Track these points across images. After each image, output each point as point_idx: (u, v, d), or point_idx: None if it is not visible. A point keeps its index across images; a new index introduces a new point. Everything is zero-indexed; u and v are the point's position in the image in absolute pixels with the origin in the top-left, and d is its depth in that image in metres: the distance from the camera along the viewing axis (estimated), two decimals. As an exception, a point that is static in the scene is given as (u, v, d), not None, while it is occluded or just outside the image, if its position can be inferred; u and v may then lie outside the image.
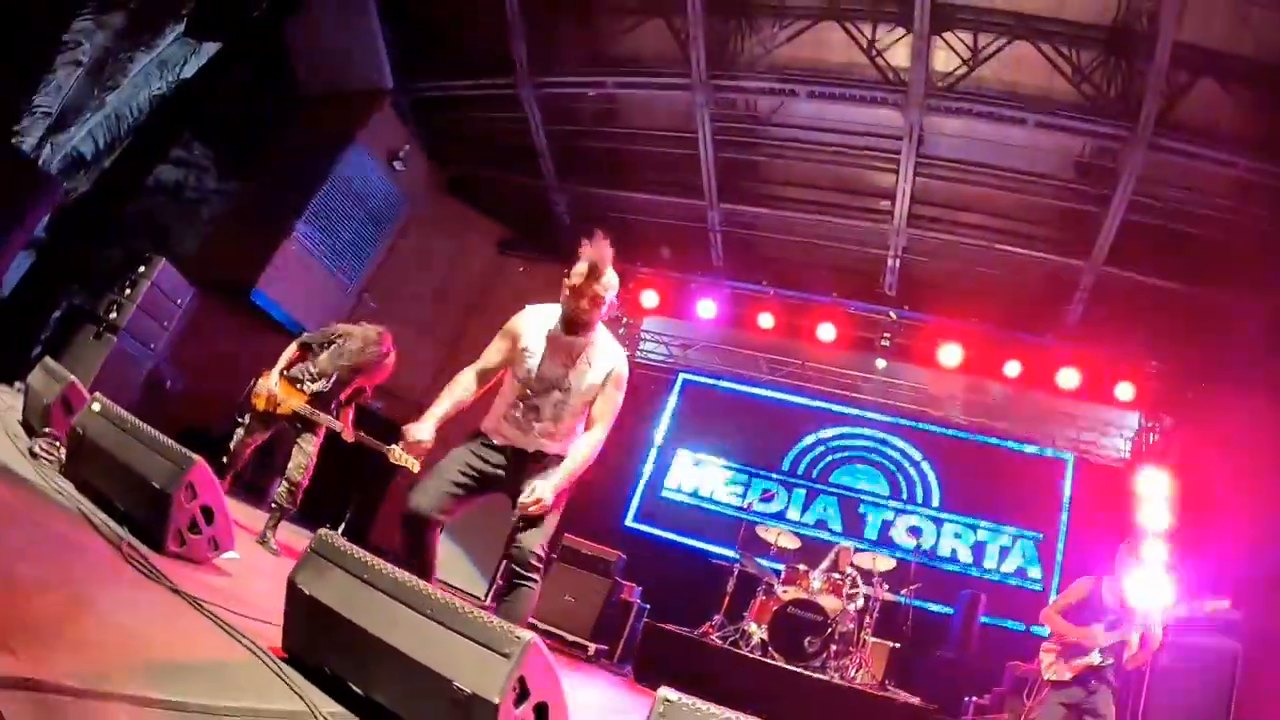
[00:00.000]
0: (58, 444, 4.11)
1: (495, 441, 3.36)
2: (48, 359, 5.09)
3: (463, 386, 3.44)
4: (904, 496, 9.90)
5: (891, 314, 9.70)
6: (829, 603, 7.18)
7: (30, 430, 4.51)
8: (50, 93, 9.34)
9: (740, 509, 9.80)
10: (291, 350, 5.29)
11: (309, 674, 2.28)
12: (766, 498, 10.01)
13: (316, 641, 2.38)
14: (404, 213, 11.18)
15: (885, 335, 9.67)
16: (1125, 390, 8.96)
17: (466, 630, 2.10)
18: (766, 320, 10.06)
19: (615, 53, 9.68)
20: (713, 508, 10.05)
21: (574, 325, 3.39)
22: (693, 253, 10.97)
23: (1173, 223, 8.67)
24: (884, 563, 7.65)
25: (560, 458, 3.36)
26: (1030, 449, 9.82)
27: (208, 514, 3.34)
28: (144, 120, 9.34)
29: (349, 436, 5.13)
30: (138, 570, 2.65)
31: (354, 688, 2.26)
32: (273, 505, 5.03)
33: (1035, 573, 9.24)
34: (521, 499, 3.16)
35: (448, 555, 7.89)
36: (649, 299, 10.77)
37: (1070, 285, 9.32)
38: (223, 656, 2.22)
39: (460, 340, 10.99)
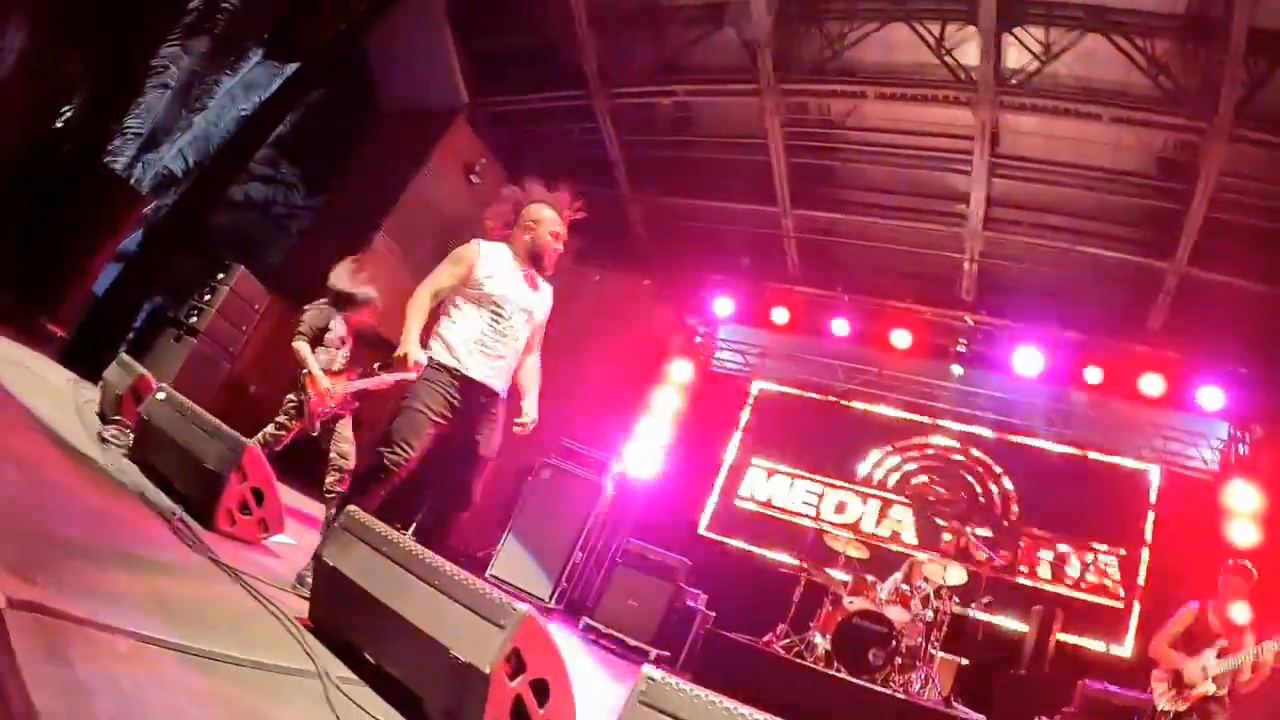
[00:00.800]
0: (127, 430, 4.50)
1: (473, 376, 3.53)
2: (122, 354, 5.52)
3: (423, 306, 3.60)
4: (981, 503, 9.64)
5: (968, 319, 9.53)
6: (896, 615, 7.14)
7: (104, 419, 4.91)
8: (141, 114, 10.06)
9: (812, 518, 9.72)
10: (307, 352, 5.19)
11: (331, 644, 2.40)
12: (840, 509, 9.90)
13: (339, 613, 2.52)
14: (481, 224, 11.46)
15: (961, 341, 9.54)
16: (1211, 397, 8.62)
17: (466, 600, 2.17)
18: (842, 327, 10.05)
19: (686, 62, 9.87)
20: (785, 517, 10.01)
21: (541, 262, 3.85)
22: (768, 260, 11.07)
23: (1259, 220, 8.31)
24: (955, 575, 7.51)
25: (502, 398, 3.63)
26: (1113, 460, 9.49)
27: (258, 496, 3.69)
28: (231, 139, 9.68)
29: (413, 368, 5.19)
30: (183, 542, 2.94)
31: (367, 657, 2.37)
32: (328, 495, 5.08)
33: (1117, 590, 8.92)
34: (522, 419, 3.65)
35: (510, 556, 8.12)
36: (723, 307, 10.92)
37: (1154, 287, 9.09)
38: (245, 617, 2.44)
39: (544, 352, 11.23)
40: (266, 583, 2.84)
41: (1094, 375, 9.10)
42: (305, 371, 5.07)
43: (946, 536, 8.91)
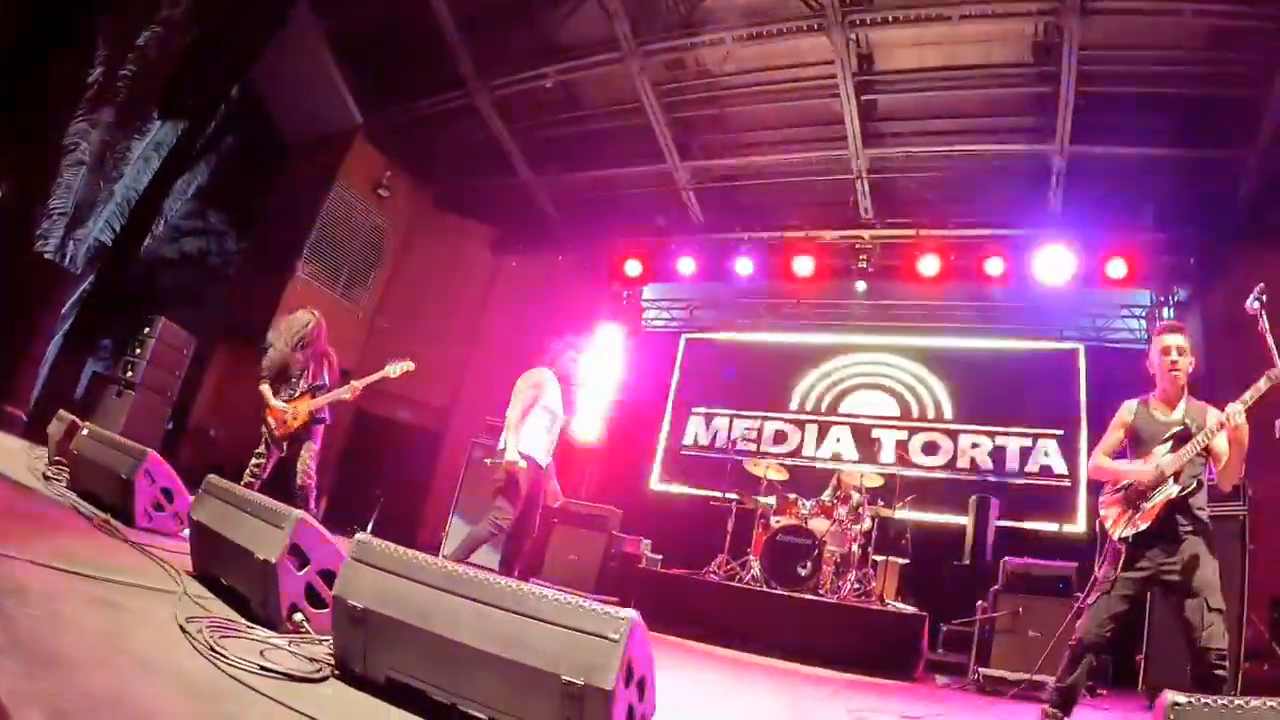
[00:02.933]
0: (65, 467, 5.38)
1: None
2: (60, 411, 6.34)
3: None
4: (915, 414, 10.16)
5: (866, 235, 9.87)
6: (818, 525, 7.64)
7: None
8: (62, 194, 10.58)
9: (754, 453, 10.15)
10: (266, 389, 6.04)
11: (368, 688, 2.36)
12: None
13: (376, 652, 2.39)
14: (398, 234, 11.97)
15: (862, 258, 9.95)
16: (1118, 268, 9.04)
17: (560, 620, 2.12)
18: (745, 266, 10.63)
19: (558, 41, 10.40)
20: (727, 457, 10.43)
21: None
22: (671, 215, 11.67)
23: (1130, 86, 8.55)
24: (871, 480, 7.95)
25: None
26: (1038, 345, 9.81)
27: (168, 494, 4.57)
28: (139, 200, 10.23)
29: (353, 394, 6.10)
30: (104, 534, 3.79)
31: (438, 699, 2.28)
32: (294, 499, 5.73)
33: (1061, 469, 9.34)
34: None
35: (459, 536, 8.61)
36: (633, 268, 11.52)
37: (1044, 172, 9.40)
38: (139, 566, 3.22)
39: (474, 343, 11.73)
40: (166, 550, 3.57)
41: (995, 266, 9.48)
42: (266, 405, 5.99)
43: (883, 448, 9.30)
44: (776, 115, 10.33)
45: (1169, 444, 3.93)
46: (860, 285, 10.34)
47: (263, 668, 2.17)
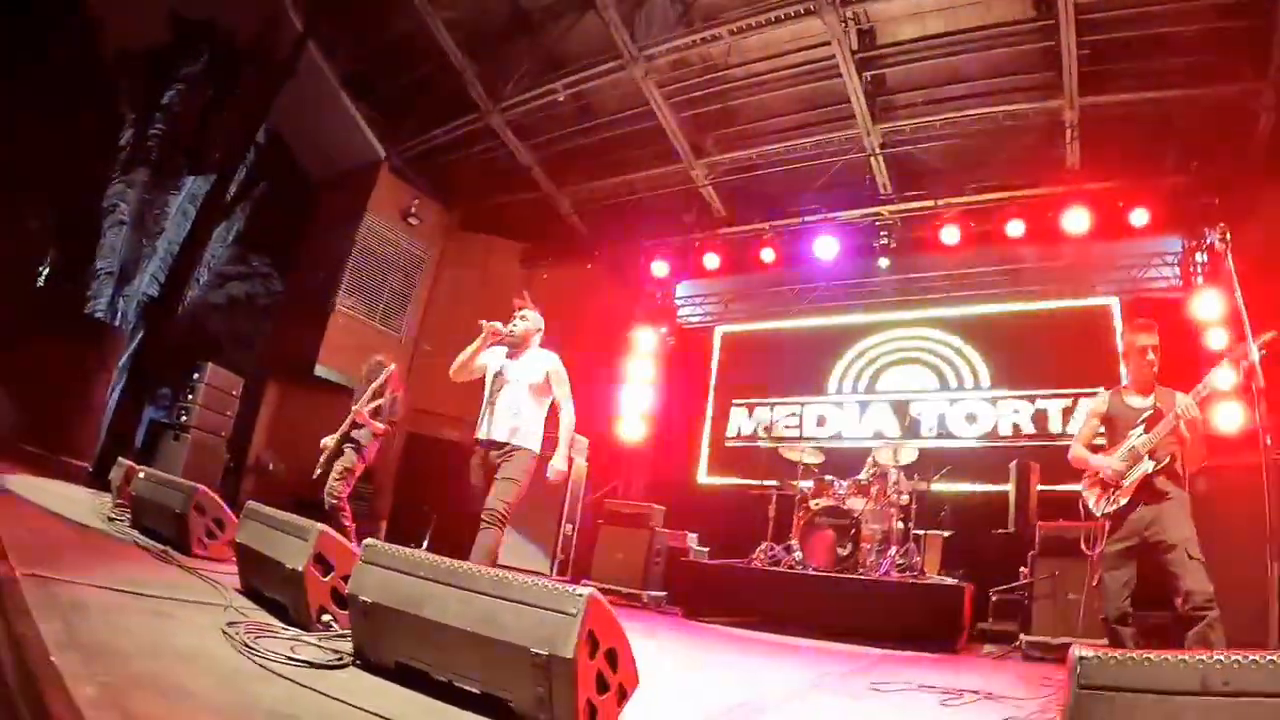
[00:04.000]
0: (126, 509, 6.06)
1: None
2: (119, 459, 7.09)
3: None
4: (953, 385, 10.38)
5: (884, 211, 10.15)
6: (855, 504, 7.90)
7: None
8: (107, 255, 11.48)
9: (797, 438, 10.48)
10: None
11: (381, 673, 2.77)
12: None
13: (384, 641, 2.82)
14: (430, 259, 12.57)
15: (883, 234, 10.14)
16: (1141, 216, 9.03)
17: (529, 599, 2.43)
18: (770, 255, 10.94)
19: (562, 55, 10.93)
20: (773, 444, 10.72)
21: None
22: (697, 212, 12.06)
23: (1130, 30, 8.64)
24: (906, 454, 8.21)
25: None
26: (1071, 303, 9.93)
27: (219, 524, 5.18)
28: (179, 252, 11.03)
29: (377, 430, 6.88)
30: (161, 561, 4.43)
31: (436, 676, 2.66)
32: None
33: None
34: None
35: (508, 545, 9.09)
36: (660, 268, 12.04)
37: (1057, 128, 9.53)
38: (191, 586, 3.80)
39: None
40: (218, 573, 4.13)
41: (1017, 229, 9.64)
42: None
43: (924, 422, 9.53)
44: (785, 102, 10.67)
45: (1141, 427, 4.47)
46: (884, 262, 10.61)
47: (288, 658, 2.65)
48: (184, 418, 9.08)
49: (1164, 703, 1.84)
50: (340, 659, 2.85)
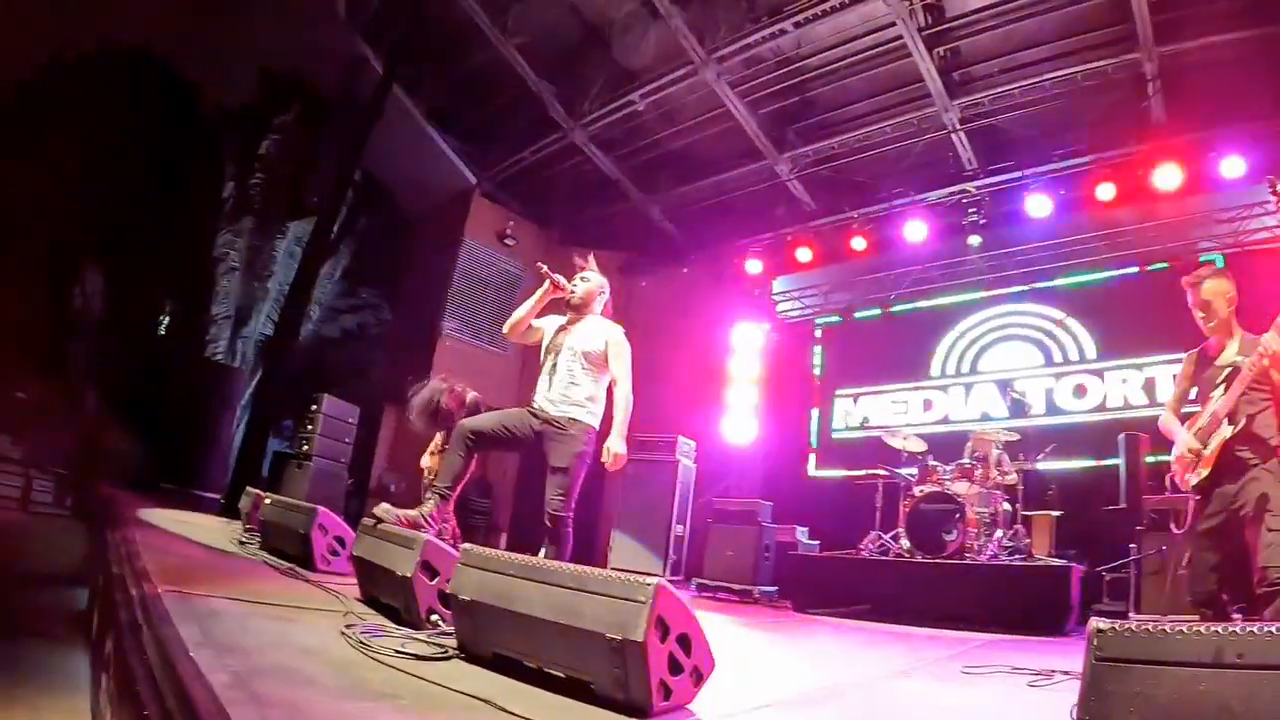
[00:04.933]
0: (255, 533, 6.72)
1: None
2: (247, 488, 7.81)
3: None
4: (1057, 359, 10.26)
5: (970, 188, 10.16)
6: (960, 488, 7.96)
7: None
8: (223, 301, 12.53)
9: (904, 424, 10.56)
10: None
11: (480, 663, 3.09)
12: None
13: (482, 634, 3.16)
14: (529, 277, 13.18)
15: (972, 211, 10.13)
16: (1234, 165, 8.81)
17: (604, 590, 2.67)
18: (860, 243, 11.19)
19: (634, 66, 11.36)
20: (879, 434, 10.82)
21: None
22: (786, 206, 12.32)
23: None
24: (1008, 434, 8.18)
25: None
26: (1171, 264, 9.65)
27: (340, 542, 5.69)
28: (298, 289, 11.89)
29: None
30: (288, 577, 4.96)
31: (529, 665, 2.95)
32: None
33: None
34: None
35: (621, 548, 9.54)
36: (754, 266, 12.37)
37: (1138, 82, 9.38)
38: (315, 596, 4.31)
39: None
40: (340, 585, 4.64)
41: (1107, 192, 9.51)
42: None
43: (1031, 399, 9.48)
44: (860, 87, 10.83)
45: (1222, 387, 4.07)
46: (975, 239, 10.62)
47: (397, 652, 3.07)
48: (305, 447, 9.81)
49: (1179, 674, 1.86)
50: (445, 652, 3.23)
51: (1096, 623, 2.02)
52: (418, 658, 3.09)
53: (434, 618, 3.78)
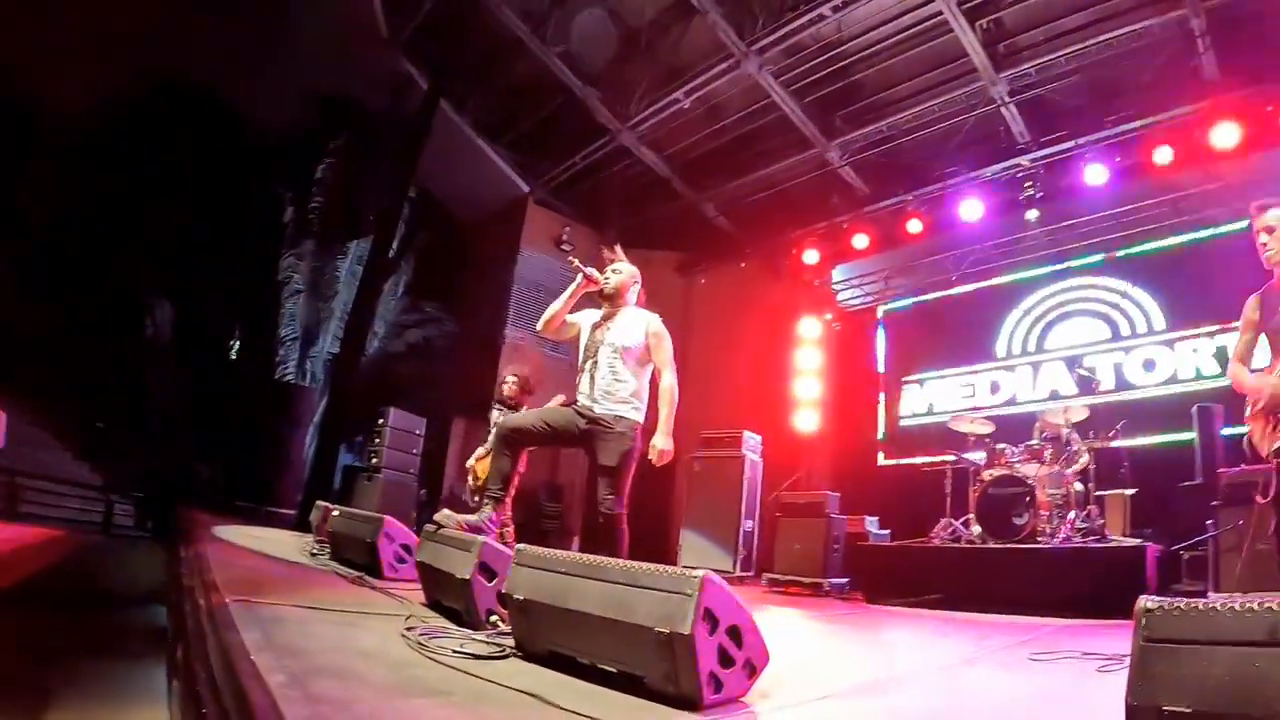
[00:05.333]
0: (325, 544, 6.94)
1: None
2: (317, 502, 8.15)
3: None
4: (1125, 333, 9.99)
5: (1024, 161, 10.01)
6: (1029, 470, 7.84)
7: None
8: (289, 323, 12.94)
9: (971, 409, 10.42)
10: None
11: (536, 660, 3.17)
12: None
13: (537, 632, 3.23)
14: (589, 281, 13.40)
15: (1027, 185, 9.99)
16: (1292, 117, 8.40)
17: (652, 584, 2.72)
18: (916, 226, 11.13)
19: (676, 64, 11.42)
20: (946, 419, 10.67)
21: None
22: (840, 194, 12.28)
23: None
24: (1076, 413, 8.02)
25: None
26: (1236, 225, 9.31)
27: (407, 549, 5.83)
28: (351, 309, 12.25)
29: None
30: (356, 585, 5.18)
31: (582, 660, 2.99)
32: None
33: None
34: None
35: (691, 545, 9.73)
36: (810, 256, 12.37)
37: (1187, 38, 9.08)
38: (380, 602, 4.48)
39: (682, 364, 12.74)
40: (405, 591, 4.86)
41: (1164, 155, 9.26)
42: None
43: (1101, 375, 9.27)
44: (905, 68, 10.73)
45: None
46: (1032, 214, 10.43)
47: (454, 652, 3.18)
48: (374, 460, 10.12)
49: (1232, 654, 1.79)
50: (502, 651, 3.34)
51: (1144, 602, 1.98)
52: (475, 657, 3.19)
53: (493, 618, 3.90)
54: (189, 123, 17.00)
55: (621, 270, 4.99)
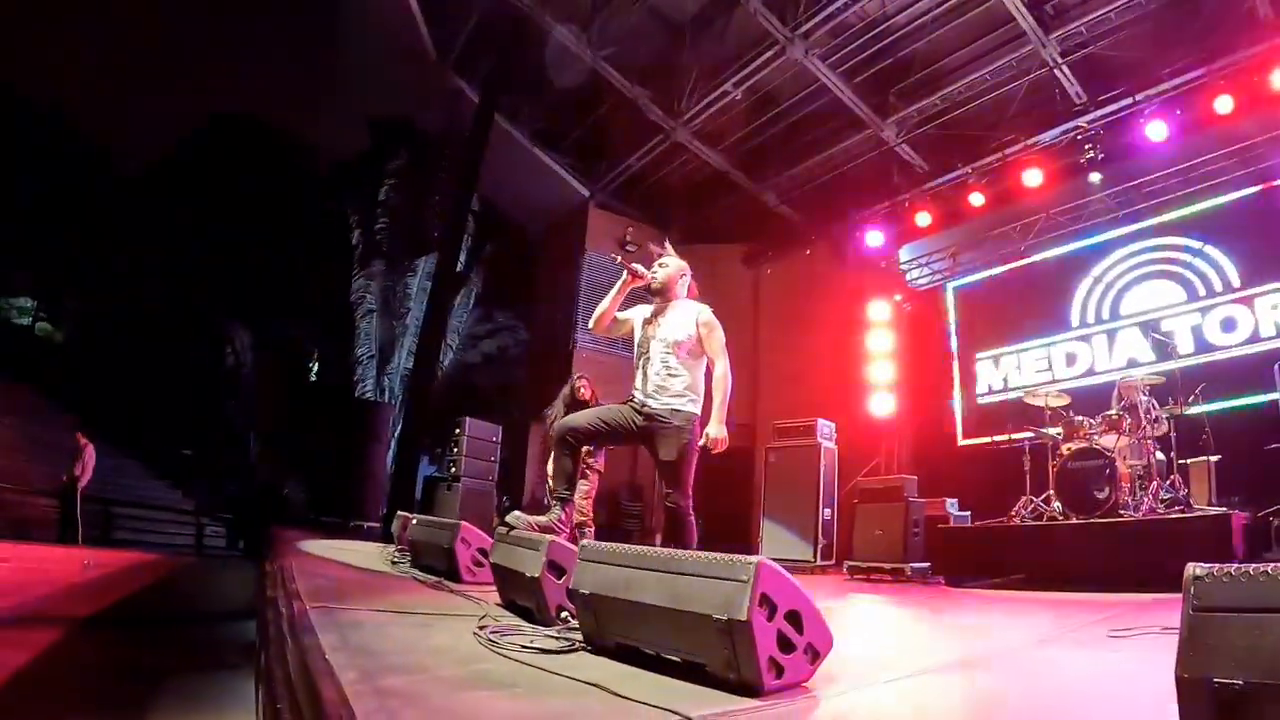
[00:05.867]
0: (405, 552, 7.19)
1: None
2: (399, 511, 8.47)
3: None
4: (1202, 293, 9.68)
5: (1083, 123, 9.83)
6: (1108, 442, 7.68)
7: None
8: (364, 342, 13.45)
9: (1049, 382, 10.26)
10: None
11: (604, 653, 3.22)
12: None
13: (604, 626, 3.29)
14: (651, 274, 13.61)
15: (1088, 148, 9.81)
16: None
17: (710, 572, 2.75)
18: (977, 199, 11.08)
19: (722, 56, 11.50)
20: (1024, 394, 10.50)
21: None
22: (899, 172, 12.23)
23: None
24: (1153, 379, 7.82)
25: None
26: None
27: (483, 553, 5.89)
28: (423, 325, 12.64)
29: None
30: (434, 589, 5.38)
31: (647, 651, 3.04)
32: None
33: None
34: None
35: (771, 537, 9.84)
36: (874, 238, 12.32)
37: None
38: (457, 605, 4.64)
39: (754, 356, 12.87)
40: (479, 593, 5.02)
41: (1226, 105, 8.96)
42: None
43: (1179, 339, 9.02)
44: (953, 38, 10.63)
45: None
46: (1095, 177, 10.22)
47: (523, 647, 3.32)
48: (452, 469, 10.35)
49: None
50: (571, 645, 3.46)
51: (1192, 569, 1.88)
52: (544, 652, 3.32)
53: (563, 614, 4.03)
54: (255, 156, 17.80)
55: (668, 264, 4.96)
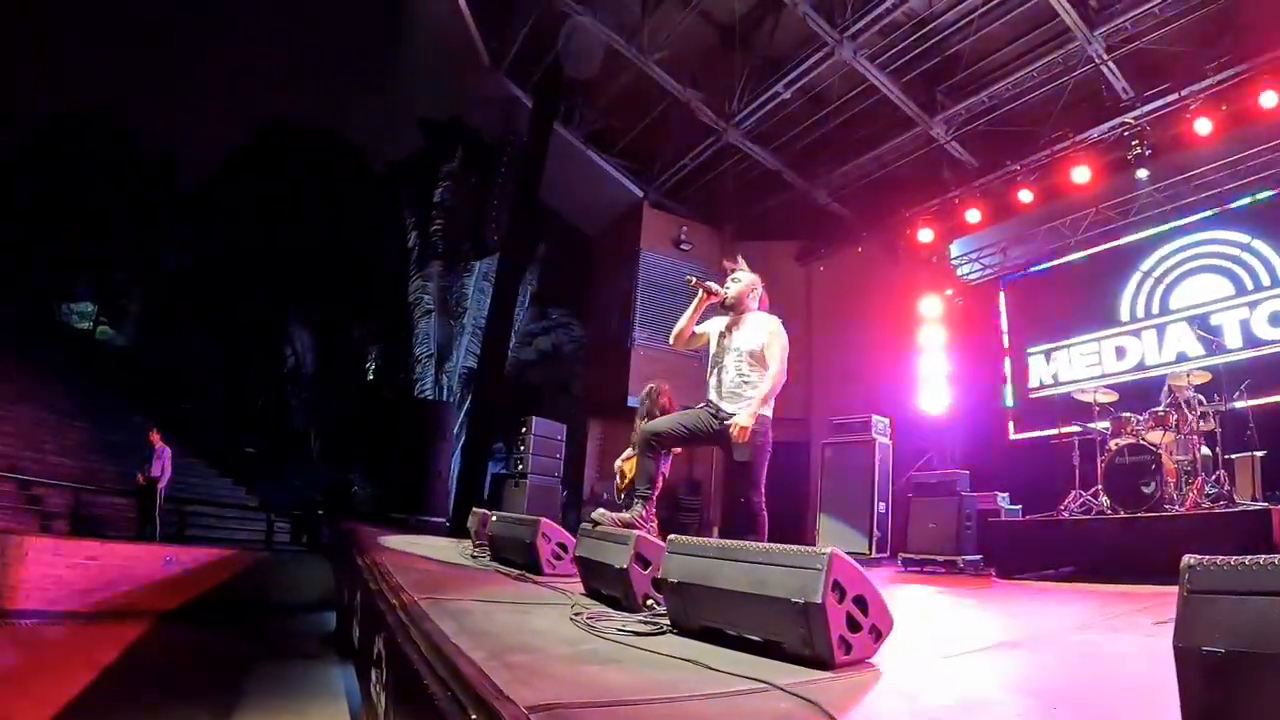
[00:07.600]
0: (484, 546, 7.73)
1: None
2: (474, 508, 8.95)
3: None
4: (1251, 287, 9.91)
5: (1129, 119, 10.11)
6: (1155, 437, 7.94)
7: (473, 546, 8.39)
8: (423, 341, 14.02)
9: (1099, 376, 10.53)
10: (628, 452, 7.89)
11: (690, 635, 3.59)
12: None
13: (690, 610, 3.66)
14: (710, 278, 14.01)
15: (1135, 144, 10.04)
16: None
17: (786, 561, 3.09)
18: (1027, 195, 11.38)
19: (773, 58, 11.94)
20: (1074, 389, 10.72)
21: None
22: (949, 169, 12.57)
23: None
24: (1198, 376, 8.07)
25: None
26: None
27: (563, 547, 6.44)
28: (487, 323, 13.18)
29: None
30: (519, 581, 5.85)
31: (729, 633, 3.38)
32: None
33: None
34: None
35: (828, 531, 10.24)
36: (925, 235, 12.71)
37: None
38: (544, 595, 5.13)
39: (808, 353, 13.29)
40: (566, 585, 5.45)
41: (1269, 99, 9.14)
42: None
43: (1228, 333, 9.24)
44: (1001, 34, 10.91)
45: None
46: (1142, 173, 10.50)
47: (619, 630, 3.82)
48: (520, 467, 10.89)
49: (1262, 602, 1.98)
50: (660, 629, 3.88)
51: (1187, 560, 2.21)
52: (636, 634, 3.79)
53: (649, 602, 4.45)
54: (312, 161, 18.52)
55: (741, 279, 5.35)
